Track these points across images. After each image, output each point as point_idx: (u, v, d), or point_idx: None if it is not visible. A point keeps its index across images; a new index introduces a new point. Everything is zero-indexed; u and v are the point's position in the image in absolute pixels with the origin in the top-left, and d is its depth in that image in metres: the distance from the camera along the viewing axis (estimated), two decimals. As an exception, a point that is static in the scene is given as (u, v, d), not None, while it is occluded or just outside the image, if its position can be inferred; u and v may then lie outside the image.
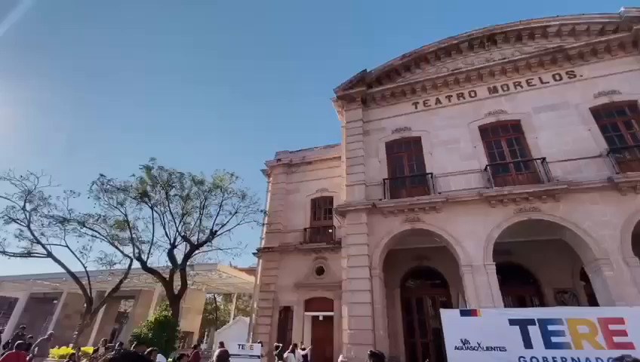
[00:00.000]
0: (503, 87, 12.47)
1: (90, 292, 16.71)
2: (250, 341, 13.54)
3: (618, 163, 9.81)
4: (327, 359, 13.36)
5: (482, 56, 13.35)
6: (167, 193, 15.69)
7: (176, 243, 15.85)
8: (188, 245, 15.91)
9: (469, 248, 10.00)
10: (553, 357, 5.76)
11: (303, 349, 12.40)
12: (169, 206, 15.81)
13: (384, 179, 12.16)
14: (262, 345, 10.23)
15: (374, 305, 10.09)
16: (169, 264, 15.65)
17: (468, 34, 13.53)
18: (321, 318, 14.40)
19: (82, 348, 14.83)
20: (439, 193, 10.95)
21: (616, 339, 5.66)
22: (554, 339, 5.93)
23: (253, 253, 17.17)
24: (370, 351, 2.85)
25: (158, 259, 31.79)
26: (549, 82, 11.96)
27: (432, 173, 11.58)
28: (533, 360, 5.84)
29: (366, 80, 14.13)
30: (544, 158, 10.44)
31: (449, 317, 6.85)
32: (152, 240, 15.97)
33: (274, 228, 16.56)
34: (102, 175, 15.70)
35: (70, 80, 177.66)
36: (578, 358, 5.63)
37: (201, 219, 16.24)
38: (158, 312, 14.34)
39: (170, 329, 13.31)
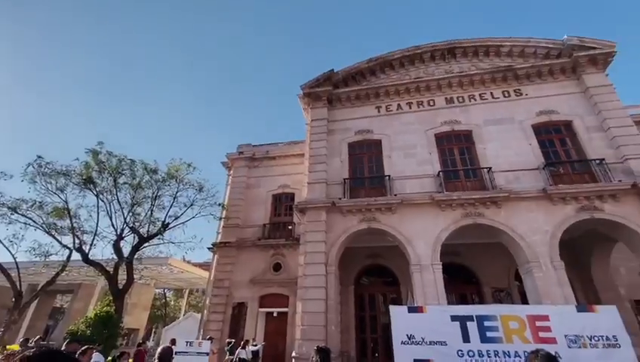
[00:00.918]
0: (459, 98, 13.28)
1: (20, 286, 15.09)
2: (201, 337, 13.13)
3: (552, 176, 10.92)
4: (279, 355, 13.38)
5: (442, 68, 14.08)
6: (115, 180, 14.60)
7: (124, 235, 14.84)
8: (136, 237, 14.95)
9: (419, 248, 10.56)
10: (487, 351, 6.27)
11: (255, 345, 12.31)
12: (117, 194, 14.73)
13: (345, 179, 12.40)
14: (212, 342, 9.98)
15: (328, 302, 10.28)
16: (115, 256, 14.62)
17: (431, 45, 14.20)
18: (275, 314, 14.37)
19: (8, 346, 13.36)
20: (395, 195, 11.41)
21: (541, 334, 6.30)
22: (489, 334, 6.45)
23: (209, 248, 16.63)
24: (317, 347, 2.89)
25: (102, 251, 29.56)
26: (499, 98, 12.95)
27: (389, 176, 12.02)
28: (470, 353, 6.31)
29: (333, 80, 14.27)
30: (490, 168, 11.31)
31: (397, 314, 7.17)
32: (96, 230, 14.79)
33: (232, 222, 16.16)
34: (39, 156, 14.19)
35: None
36: (508, 351, 6.18)
37: (152, 210, 15.35)
38: (99, 308, 13.37)
39: (112, 326, 12.49)
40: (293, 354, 9.90)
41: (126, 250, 14.89)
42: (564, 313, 6.68)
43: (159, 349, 3.37)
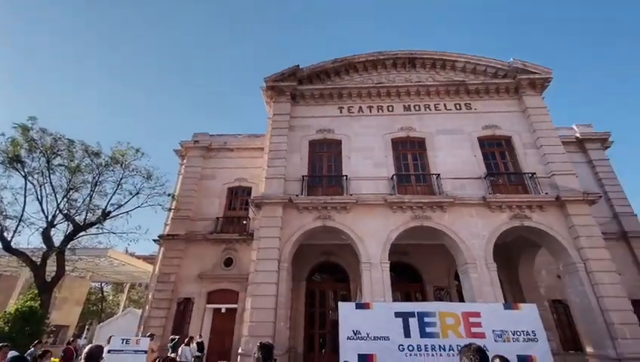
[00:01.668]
0: (416, 106, 13.97)
1: None
2: (140, 335, 12.36)
3: (492, 185, 11.96)
4: (225, 351, 13.09)
5: (403, 76, 14.71)
6: (49, 161, 13.14)
7: (56, 222, 13.43)
8: (71, 225, 13.61)
9: (370, 247, 10.95)
10: (425, 345, 6.68)
11: (199, 342, 11.93)
12: (50, 177, 13.27)
13: (303, 176, 12.43)
14: (152, 339, 9.42)
15: (279, 298, 10.25)
16: (44, 246, 13.17)
17: (394, 53, 14.75)
18: (223, 311, 14.00)
19: None
20: (351, 195, 11.70)
21: (473, 330, 6.87)
22: (427, 329, 6.87)
23: (155, 240, 15.69)
24: (260, 343, 2.87)
25: (29, 239, 26.51)
26: (451, 110, 13.85)
27: (347, 176, 12.29)
28: (410, 347, 6.68)
29: (297, 75, 14.19)
30: (439, 174, 12.08)
31: (345, 310, 7.36)
32: (22, 215, 13.18)
33: (182, 214, 15.39)
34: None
35: None
36: (444, 346, 6.65)
37: (92, 196, 14.08)
38: (22, 302, 11.99)
39: (36, 322, 11.28)
40: (240, 350, 9.73)
41: (58, 238, 13.50)
42: (493, 310, 7.34)
43: (86, 349, 3.09)
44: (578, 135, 16.69)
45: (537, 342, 6.78)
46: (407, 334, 6.82)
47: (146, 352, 7.69)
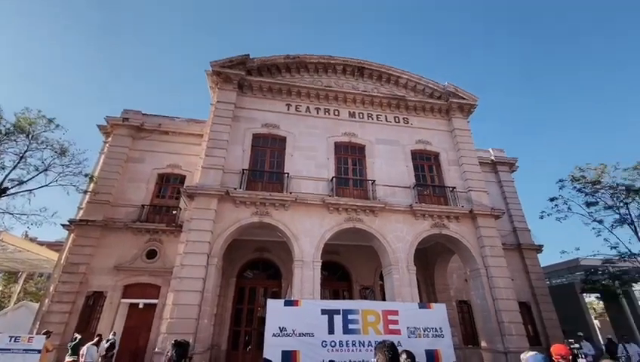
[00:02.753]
0: (360, 114, 14.61)
1: None
2: (35, 332, 10.78)
3: (419, 195, 13.09)
4: (140, 350, 12.12)
5: (351, 83, 15.26)
6: None
7: None
8: (-49, 201, 11.28)
9: (304, 245, 11.14)
10: (347, 341, 7.06)
11: (110, 341, 10.83)
12: None
13: (243, 170, 12.09)
14: (48, 337, 8.25)
15: (205, 294, 9.82)
16: None
17: (344, 59, 15.21)
18: (141, 306, 12.92)
19: None
20: (291, 193, 11.76)
21: (391, 327, 7.46)
22: (350, 326, 7.27)
23: (64, 225, 13.80)
24: (175, 341, 2.75)
25: None
26: (391, 121, 14.80)
27: (288, 173, 12.32)
28: (332, 343, 7.00)
29: (247, 65, 13.75)
30: (374, 181, 12.83)
31: (273, 307, 7.41)
32: None
33: (101, 198, 13.77)
34: None
35: None
36: (364, 341, 7.10)
37: (-17, 169, 11.84)
38: None
39: None
40: (156, 349, 9.09)
41: None
42: (409, 309, 8.07)
43: None
44: (493, 158, 19.16)
45: (443, 338, 7.65)
46: (331, 331, 7.13)
47: (39, 352, 6.73)
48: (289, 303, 7.72)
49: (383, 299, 12.69)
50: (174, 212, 14.48)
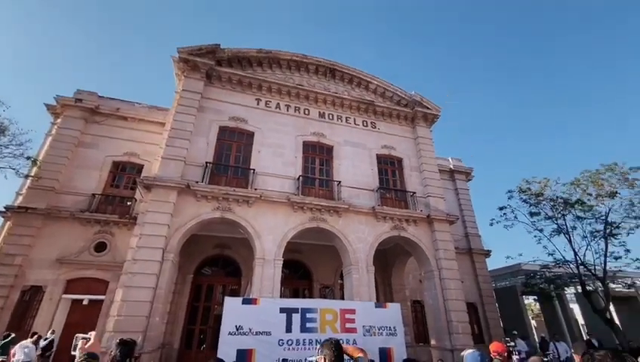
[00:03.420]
0: (329, 115, 14.75)
1: None
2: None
3: (381, 198, 13.49)
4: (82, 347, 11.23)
5: (322, 83, 15.34)
6: None
7: None
8: None
9: (266, 243, 11.02)
10: (304, 340, 7.09)
11: (48, 338, 9.98)
12: None
13: (207, 163, 11.68)
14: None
15: (157, 291, 9.35)
16: None
17: (316, 59, 15.26)
18: (86, 302, 12.04)
19: None
20: (256, 189, 11.57)
21: (347, 325, 7.60)
22: (308, 325, 7.31)
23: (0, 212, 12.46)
24: (120, 340, 2.62)
25: None
26: (359, 125, 15.10)
27: (254, 170, 12.11)
28: (289, 341, 6.99)
29: (217, 55, 13.29)
30: (340, 182, 13.02)
31: (231, 305, 7.25)
32: None
33: (45, 184, 12.61)
34: None
35: None
36: (321, 340, 7.17)
37: None
38: None
39: None
40: (100, 348, 8.49)
41: None
42: (366, 308, 8.29)
43: None
44: (451, 166, 20.26)
45: (396, 336, 7.94)
46: (288, 329, 7.12)
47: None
48: (247, 301, 7.60)
49: (342, 298, 12.90)
50: (129, 203, 13.65)
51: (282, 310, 7.31)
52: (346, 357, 2.78)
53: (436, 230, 13.21)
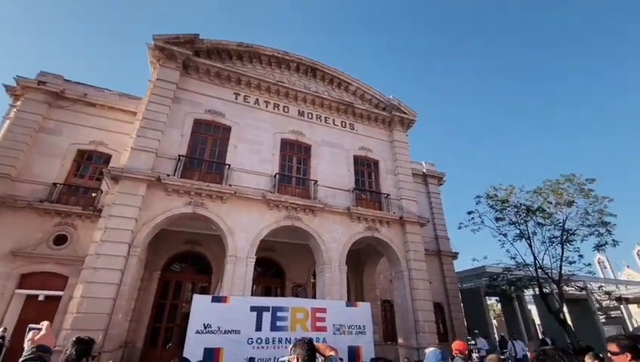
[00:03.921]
0: (309, 114, 14.73)
1: None
2: None
3: (357, 198, 13.66)
4: (34, 349, 10.55)
5: (303, 82, 15.29)
6: None
7: None
8: None
9: (239, 241, 10.84)
10: (273, 338, 7.04)
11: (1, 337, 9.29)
12: None
13: (180, 156, 11.31)
14: None
15: (122, 287, 8.95)
16: None
17: (298, 57, 15.19)
18: (42, 298, 11.32)
19: None
20: (230, 185, 11.35)
21: (318, 324, 7.63)
22: (278, 323, 7.27)
23: (-56, 198, 11.42)
24: (76, 338, 2.48)
25: None
26: (338, 125, 15.20)
27: (229, 165, 11.87)
28: (259, 340, 6.93)
29: (195, 45, 12.90)
30: (316, 181, 13.05)
31: (199, 303, 7.08)
32: None
33: (0, 171, 11.73)
34: None
35: None
36: (291, 338, 7.15)
37: None
38: None
39: None
40: (55, 346, 8.01)
41: None
42: (337, 307, 8.37)
43: None
44: (424, 170, 20.88)
45: (365, 335, 8.08)
46: (258, 328, 7.05)
47: None
48: (217, 299, 7.44)
49: (315, 297, 12.96)
50: (94, 194, 12.97)
51: (253, 308, 7.23)
52: (317, 355, 2.79)
53: (408, 232, 13.56)
